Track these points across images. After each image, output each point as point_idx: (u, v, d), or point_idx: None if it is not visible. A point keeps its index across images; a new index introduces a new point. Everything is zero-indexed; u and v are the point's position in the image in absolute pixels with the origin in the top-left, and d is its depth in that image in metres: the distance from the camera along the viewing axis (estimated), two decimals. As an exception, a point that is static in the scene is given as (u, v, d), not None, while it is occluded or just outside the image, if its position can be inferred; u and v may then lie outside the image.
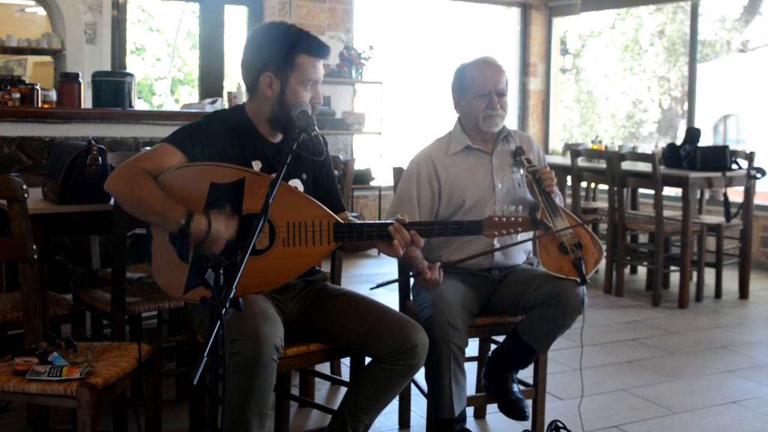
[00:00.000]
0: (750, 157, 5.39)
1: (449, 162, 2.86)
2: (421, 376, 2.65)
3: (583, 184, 6.57)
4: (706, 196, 6.24)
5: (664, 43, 12.58)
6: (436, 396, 2.64)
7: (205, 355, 1.62)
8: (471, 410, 3.16)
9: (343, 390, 2.76)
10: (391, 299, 2.83)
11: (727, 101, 12.50)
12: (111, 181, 2.24)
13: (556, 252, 2.68)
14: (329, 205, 2.35)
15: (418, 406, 3.19)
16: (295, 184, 2.43)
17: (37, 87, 4.49)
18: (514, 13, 8.75)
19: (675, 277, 5.60)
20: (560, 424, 2.87)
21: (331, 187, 2.56)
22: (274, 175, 2.08)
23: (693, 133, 5.46)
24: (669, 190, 6.04)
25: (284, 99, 2.32)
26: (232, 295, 1.71)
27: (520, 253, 2.90)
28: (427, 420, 2.78)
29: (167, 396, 3.19)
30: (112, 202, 2.65)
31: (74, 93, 4.47)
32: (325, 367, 3.45)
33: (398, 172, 3.03)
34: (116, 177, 2.23)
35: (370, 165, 7.26)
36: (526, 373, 2.92)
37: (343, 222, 2.29)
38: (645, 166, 5.34)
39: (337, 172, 2.88)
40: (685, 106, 8.50)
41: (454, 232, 2.40)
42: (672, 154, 5.43)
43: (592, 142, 7.37)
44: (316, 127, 2.21)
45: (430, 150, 2.90)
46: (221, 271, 1.72)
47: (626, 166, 5.47)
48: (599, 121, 13.14)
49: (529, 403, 2.85)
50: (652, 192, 5.22)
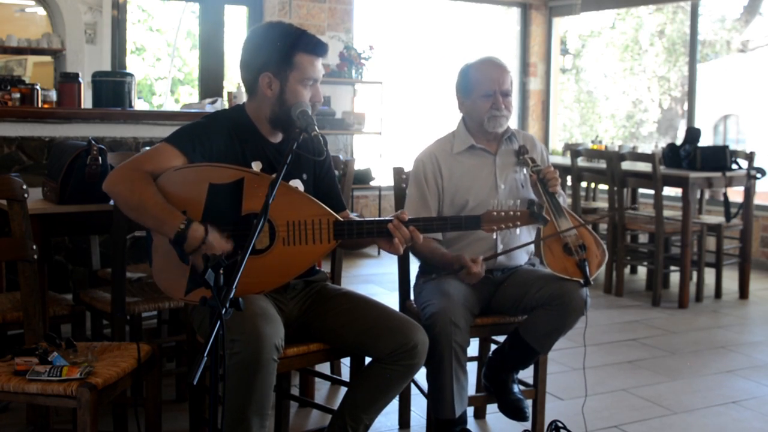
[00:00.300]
0: (750, 157, 5.39)
1: (453, 161, 2.86)
2: (422, 376, 2.65)
3: (583, 184, 6.57)
4: (706, 196, 6.24)
5: (664, 43, 12.58)
6: (437, 396, 2.63)
7: (205, 355, 1.62)
8: (471, 410, 3.15)
9: (343, 390, 2.76)
10: (391, 299, 2.83)
11: (727, 101, 12.50)
12: (110, 182, 2.21)
13: (561, 252, 2.67)
14: (330, 204, 2.34)
15: (418, 406, 3.19)
16: (296, 184, 2.43)
17: (37, 87, 4.49)
18: (514, 13, 8.75)
19: (675, 277, 5.59)
20: (560, 424, 2.87)
21: (332, 187, 2.56)
22: (273, 176, 2.08)
23: (693, 133, 5.46)
24: (669, 190, 6.04)
25: (284, 99, 2.32)
26: (232, 295, 1.71)
27: (523, 255, 2.90)
28: (427, 420, 2.77)
29: (167, 396, 3.19)
30: (112, 203, 2.65)
31: (74, 93, 4.47)
32: (325, 367, 3.44)
33: (398, 172, 3.03)
34: (115, 178, 2.21)
35: (370, 165, 7.26)
36: (527, 373, 2.92)
37: (342, 220, 2.29)
38: (645, 166, 5.34)
39: (337, 172, 2.88)
40: (685, 106, 8.50)
41: (453, 227, 2.41)
42: (672, 154, 5.43)
43: (592, 142, 7.37)
44: (316, 127, 2.21)
45: (434, 149, 2.90)
46: (221, 271, 1.72)
47: (626, 166, 5.47)
48: (599, 121, 13.14)
49: (529, 403, 2.84)
50: (652, 192, 5.22)
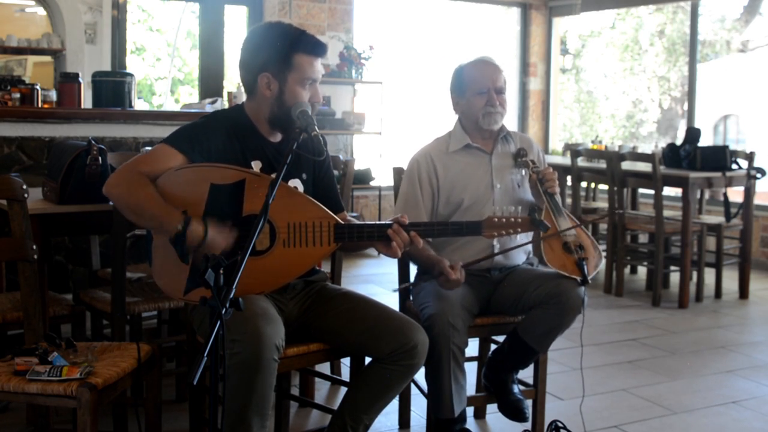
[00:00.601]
0: (750, 157, 5.39)
1: (448, 160, 2.87)
2: (421, 376, 2.65)
3: (583, 184, 6.57)
4: (706, 196, 6.24)
5: (664, 43, 12.58)
6: (436, 396, 2.64)
7: (205, 355, 1.62)
8: (471, 410, 3.16)
9: (343, 390, 2.76)
10: (391, 299, 2.82)
11: (727, 101, 12.50)
12: (108, 186, 2.23)
13: (560, 250, 2.68)
14: (328, 205, 2.34)
15: (418, 406, 3.19)
16: (295, 184, 2.43)
17: (37, 87, 4.49)
18: (514, 13, 8.75)
19: (675, 277, 5.59)
20: (560, 424, 2.87)
21: (331, 188, 2.56)
22: (273, 176, 2.08)
23: (693, 133, 5.46)
24: (669, 190, 6.04)
25: (283, 99, 2.32)
26: (232, 296, 1.71)
27: (520, 254, 2.91)
28: (427, 420, 2.78)
29: (167, 396, 3.19)
30: (111, 203, 2.65)
31: (74, 93, 4.47)
32: (325, 367, 3.44)
33: (398, 172, 3.03)
34: (114, 180, 2.22)
35: (370, 165, 7.26)
36: (526, 373, 2.92)
37: (343, 223, 2.29)
38: (645, 166, 5.34)
39: (337, 172, 2.88)
40: (685, 106, 8.50)
41: (454, 232, 2.40)
42: (672, 154, 5.43)
43: (592, 142, 7.37)
44: (316, 127, 2.21)
45: (430, 148, 2.91)
46: (221, 271, 1.72)
47: (626, 166, 5.47)
48: (599, 121, 13.14)
49: (529, 403, 2.85)
50: (652, 192, 5.22)
